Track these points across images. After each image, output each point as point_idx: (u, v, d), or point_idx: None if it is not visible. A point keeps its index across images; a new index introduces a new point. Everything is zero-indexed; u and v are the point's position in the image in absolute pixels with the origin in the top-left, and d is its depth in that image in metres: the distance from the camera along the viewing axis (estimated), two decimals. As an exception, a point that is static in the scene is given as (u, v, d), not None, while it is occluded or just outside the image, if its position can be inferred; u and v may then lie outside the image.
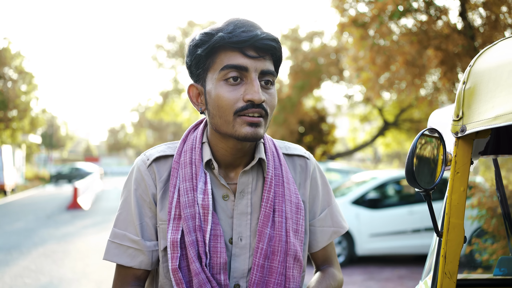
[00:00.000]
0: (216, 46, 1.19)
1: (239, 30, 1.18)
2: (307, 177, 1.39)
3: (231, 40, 1.17)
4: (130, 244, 1.27)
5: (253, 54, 1.19)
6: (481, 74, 1.15)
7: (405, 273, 7.51)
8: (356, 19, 7.51)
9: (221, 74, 1.19)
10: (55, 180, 35.94)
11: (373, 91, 8.90)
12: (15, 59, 25.34)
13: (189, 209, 1.22)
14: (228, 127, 1.20)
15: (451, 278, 1.19)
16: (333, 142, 20.65)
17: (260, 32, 1.20)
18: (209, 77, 1.22)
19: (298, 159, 1.41)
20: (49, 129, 51.19)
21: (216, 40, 1.18)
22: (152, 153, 1.32)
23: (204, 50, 1.20)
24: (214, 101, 1.20)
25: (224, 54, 1.19)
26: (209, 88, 1.22)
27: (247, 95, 1.18)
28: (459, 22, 7.04)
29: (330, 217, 1.42)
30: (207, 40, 1.21)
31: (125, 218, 1.29)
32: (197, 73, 1.24)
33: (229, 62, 1.18)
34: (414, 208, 8.07)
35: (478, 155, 1.49)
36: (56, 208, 16.99)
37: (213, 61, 1.21)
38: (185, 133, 1.35)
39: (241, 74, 1.19)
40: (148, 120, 53.97)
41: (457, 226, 1.20)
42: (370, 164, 38.83)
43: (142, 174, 1.29)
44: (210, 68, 1.22)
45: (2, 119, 24.73)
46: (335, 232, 1.41)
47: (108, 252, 1.28)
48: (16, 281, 6.78)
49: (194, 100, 1.28)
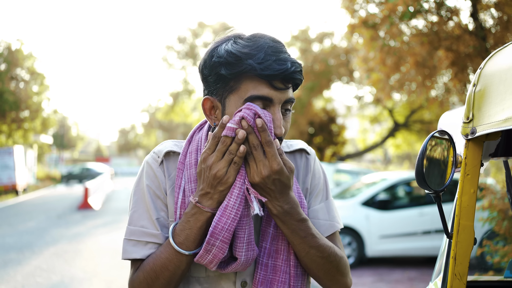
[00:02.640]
0: (244, 73, 1.17)
1: (270, 60, 1.16)
2: (308, 172, 1.41)
3: (263, 73, 1.15)
4: (149, 239, 1.26)
5: (281, 86, 1.19)
6: (491, 77, 1.15)
7: (415, 275, 7.47)
8: (366, 20, 7.49)
9: (245, 102, 1.18)
10: (66, 180, 36.24)
11: (383, 92, 8.86)
12: (27, 60, 25.60)
13: None
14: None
15: (461, 279, 1.19)
16: (343, 143, 20.59)
17: (290, 63, 1.18)
18: (232, 100, 1.20)
19: (299, 155, 1.42)
20: (60, 129, 51.62)
21: (247, 68, 1.16)
22: (161, 149, 1.34)
23: (231, 74, 1.18)
24: None
25: (250, 81, 1.18)
26: (231, 112, 1.20)
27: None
28: (471, 23, 7.00)
29: (327, 211, 1.40)
30: (234, 64, 1.17)
31: (140, 215, 1.28)
32: (216, 87, 1.22)
33: (255, 92, 1.17)
34: (425, 210, 8.02)
35: (489, 157, 1.49)
36: (67, 208, 17.13)
37: (237, 85, 1.19)
38: (190, 134, 1.36)
39: (266, 104, 1.19)
40: (158, 121, 54.24)
41: (467, 228, 1.20)
42: (380, 165, 38.63)
43: (154, 171, 1.30)
44: (233, 91, 1.19)
45: (14, 120, 24.99)
46: (331, 226, 1.38)
47: (126, 251, 1.28)
48: (28, 280, 6.85)
49: (207, 113, 1.26)
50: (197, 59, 24.13)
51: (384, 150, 38.34)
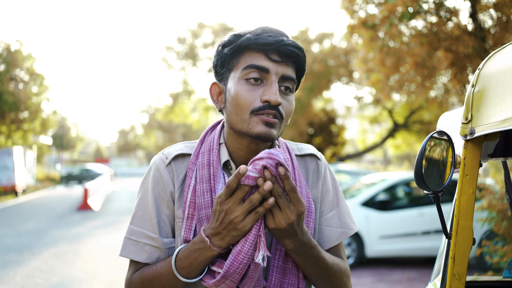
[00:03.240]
0: (242, 45, 1.24)
1: (266, 34, 1.24)
2: (319, 178, 1.41)
3: (257, 42, 1.22)
4: (147, 241, 1.28)
5: (277, 58, 1.23)
6: (490, 77, 1.16)
7: (415, 275, 7.48)
8: (365, 21, 7.50)
9: (243, 73, 1.23)
10: (66, 181, 36.24)
11: (382, 92, 8.87)
12: (27, 61, 25.58)
13: (205, 210, 1.24)
14: (243, 125, 1.23)
15: (460, 279, 1.20)
16: (342, 143, 20.61)
17: (286, 38, 1.25)
18: (231, 76, 1.26)
19: (309, 159, 1.42)
20: (60, 130, 51.58)
21: (243, 40, 1.23)
22: (171, 151, 1.34)
23: (231, 49, 1.25)
24: (233, 99, 1.24)
25: (248, 55, 1.24)
26: (229, 86, 1.26)
27: (265, 96, 1.21)
28: (470, 24, 7.00)
29: (338, 218, 1.42)
30: (234, 40, 1.26)
31: (142, 216, 1.30)
32: (221, 72, 1.29)
33: (252, 62, 1.23)
34: (424, 210, 8.03)
35: (487, 157, 1.50)
36: (67, 209, 17.12)
37: (237, 61, 1.25)
38: (203, 134, 1.37)
39: (262, 75, 1.23)
40: (158, 122, 54.23)
41: (466, 228, 1.20)
42: (379, 166, 38.65)
43: (161, 173, 1.31)
44: (233, 67, 1.26)
45: (14, 121, 24.98)
46: (343, 233, 1.41)
47: (124, 249, 1.30)
48: (27, 282, 6.85)
49: (214, 98, 1.32)
50: (197, 59, 24.12)
51: (384, 151, 38.35)
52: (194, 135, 50.88)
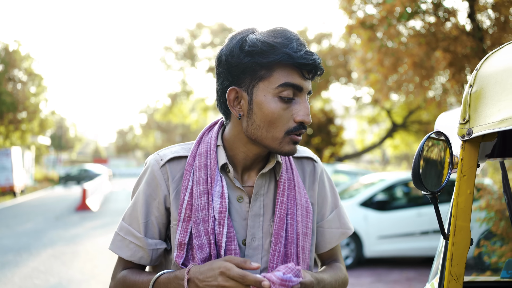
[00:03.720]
0: (279, 61, 1.18)
1: (303, 50, 1.19)
2: (315, 180, 1.42)
3: (298, 62, 1.18)
4: (132, 239, 1.30)
5: (308, 76, 1.22)
6: (487, 78, 1.16)
7: (413, 275, 7.48)
8: (364, 21, 7.51)
9: (278, 90, 1.19)
10: (64, 182, 36.18)
11: (381, 92, 8.89)
12: (25, 61, 25.56)
13: (201, 213, 1.23)
14: (273, 143, 1.22)
15: (457, 280, 1.20)
16: (341, 144, 20.58)
17: (316, 55, 1.22)
18: (261, 88, 1.20)
19: (306, 162, 1.44)
20: (58, 130, 51.54)
21: (283, 57, 1.17)
22: (166, 153, 1.33)
23: (266, 63, 1.18)
24: (266, 115, 1.20)
25: (283, 69, 1.19)
26: (260, 100, 1.21)
27: (299, 117, 1.20)
28: (468, 24, 7.02)
29: (338, 219, 1.45)
30: (269, 52, 1.18)
31: (131, 214, 1.32)
32: (242, 77, 1.22)
33: (289, 80, 1.19)
34: (423, 210, 8.03)
35: (485, 158, 1.50)
36: (65, 210, 17.10)
37: (269, 74, 1.19)
38: (200, 135, 1.35)
39: (295, 93, 1.21)
40: (156, 122, 54.22)
41: (463, 229, 1.20)
42: (378, 166, 38.69)
43: (155, 174, 1.30)
44: (263, 79, 1.20)
45: (12, 121, 24.95)
46: (343, 234, 1.45)
47: (113, 243, 1.33)
48: (25, 282, 6.84)
49: (232, 103, 1.25)
50: (195, 60, 24.10)
51: (382, 151, 38.38)
52: (192, 135, 50.87)
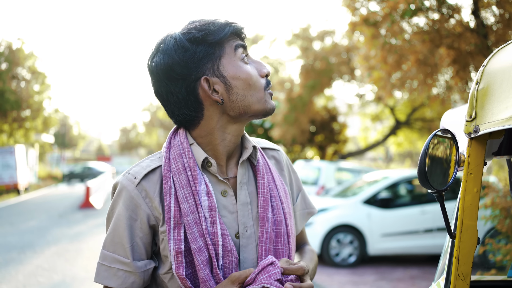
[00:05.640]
0: (227, 33, 1.23)
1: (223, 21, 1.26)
2: (282, 167, 1.45)
3: (236, 27, 1.25)
4: (120, 266, 1.23)
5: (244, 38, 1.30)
6: (494, 74, 1.14)
7: (417, 273, 7.47)
8: (367, 18, 7.47)
9: (237, 55, 1.25)
10: (68, 179, 36.27)
11: (384, 90, 8.85)
12: (28, 60, 25.60)
13: (192, 215, 1.20)
14: (260, 104, 1.25)
15: (464, 280, 1.18)
16: (344, 141, 20.58)
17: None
18: (225, 62, 1.23)
19: (270, 151, 1.46)
20: (62, 128, 51.67)
21: (228, 29, 1.23)
22: (138, 170, 1.27)
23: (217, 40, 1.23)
24: (244, 80, 1.23)
25: (227, 41, 1.25)
26: (232, 71, 1.23)
27: (264, 70, 1.26)
28: (472, 21, 6.97)
29: (303, 201, 1.49)
30: (215, 31, 1.22)
31: (113, 240, 1.25)
32: (202, 66, 1.22)
33: (237, 43, 1.25)
34: (426, 208, 8.01)
35: (492, 155, 1.48)
36: (69, 207, 17.15)
37: (222, 49, 1.24)
38: (168, 141, 1.31)
39: (245, 52, 1.27)
40: (159, 120, 54.23)
41: (470, 228, 1.19)
42: (381, 164, 38.63)
43: (131, 194, 1.24)
44: (222, 56, 1.23)
45: (16, 119, 25.01)
46: (309, 213, 1.50)
47: (98, 275, 1.25)
48: (29, 280, 6.86)
49: (209, 93, 1.23)
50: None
51: (386, 148, 38.32)
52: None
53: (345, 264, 7.92)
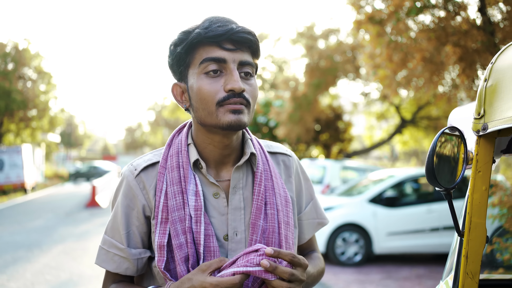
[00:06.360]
0: (194, 42, 1.22)
1: (215, 26, 1.21)
2: (290, 174, 1.43)
3: (208, 35, 1.20)
4: (116, 251, 1.30)
5: (230, 46, 1.22)
6: (503, 71, 1.13)
7: (423, 272, 7.44)
8: (372, 16, 7.44)
9: (201, 68, 1.22)
10: (74, 178, 36.40)
11: (390, 88, 8.82)
12: (34, 60, 25.74)
13: (178, 212, 1.23)
14: (212, 118, 1.22)
15: (473, 278, 1.17)
16: (349, 140, 20.54)
17: (236, 26, 1.23)
18: (190, 73, 1.24)
19: (281, 156, 1.44)
20: (68, 128, 51.88)
21: (193, 36, 1.21)
22: (139, 163, 1.33)
23: (183, 48, 1.23)
24: (197, 95, 1.23)
25: (202, 49, 1.22)
26: (191, 83, 1.24)
27: (228, 85, 1.20)
28: (478, 18, 6.92)
29: (315, 210, 1.48)
30: (185, 38, 1.23)
31: (113, 226, 1.32)
32: (179, 71, 1.27)
33: (207, 55, 1.21)
34: (432, 207, 7.98)
35: (500, 153, 1.47)
36: (75, 206, 17.22)
37: (192, 57, 1.23)
38: (170, 138, 1.37)
39: (221, 66, 1.22)
40: (164, 119, 54.36)
41: (479, 226, 1.18)
42: (387, 162, 38.52)
43: (130, 184, 1.30)
44: (190, 64, 1.24)
45: (22, 119, 25.15)
46: (319, 224, 1.49)
47: (98, 257, 1.33)
48: (37, 278, 6.90)
49: (178, 98, 1.30)
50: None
51: (391, 147, 38.20)
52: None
53: (351, 263, 7.91)
